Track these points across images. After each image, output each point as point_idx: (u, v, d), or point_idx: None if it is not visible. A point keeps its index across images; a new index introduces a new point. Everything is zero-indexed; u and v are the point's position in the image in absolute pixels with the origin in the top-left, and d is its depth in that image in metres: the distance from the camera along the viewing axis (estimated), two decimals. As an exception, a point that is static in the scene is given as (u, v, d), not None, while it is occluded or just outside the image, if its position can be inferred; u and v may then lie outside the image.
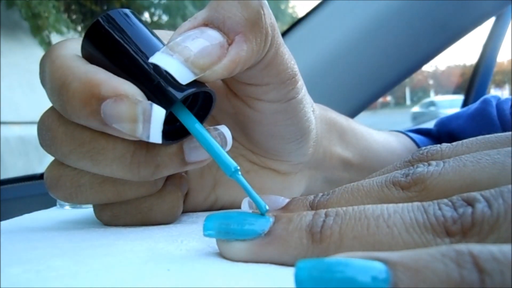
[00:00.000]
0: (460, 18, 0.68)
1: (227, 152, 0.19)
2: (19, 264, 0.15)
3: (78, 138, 0.19)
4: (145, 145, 0.19)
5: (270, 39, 0.20)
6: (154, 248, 0.17)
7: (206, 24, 0.19)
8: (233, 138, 0.26)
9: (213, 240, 0.17)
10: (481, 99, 0.41)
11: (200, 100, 0.20)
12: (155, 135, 0.17)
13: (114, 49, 0.19)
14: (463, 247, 0.10)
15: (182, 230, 0.21)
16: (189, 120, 0.19)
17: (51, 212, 0.29)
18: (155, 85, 0.18)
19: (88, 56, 0.19)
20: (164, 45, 0.19)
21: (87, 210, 0.27)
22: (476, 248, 0.10)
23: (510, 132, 0.17)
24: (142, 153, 0.19)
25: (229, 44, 0.19)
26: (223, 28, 0.19)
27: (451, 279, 0.09)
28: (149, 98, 0.18)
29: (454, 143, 0.18)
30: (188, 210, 0.26)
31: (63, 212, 0.28)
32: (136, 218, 0.22)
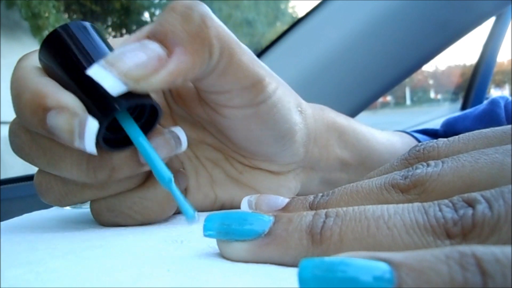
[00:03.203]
0: (460, 18, 0.68)
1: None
2: (19, 265, 0.15)
3: (41, 145, 0.20)
4: (100, 151, 0.20)
5: (216, 50, 0.20)
6: (154, 248, 0.17)
7: (149, 37, 0.20)
8: (221, 141, 0.27)
9: (213, 240, 0.17)
10: (489, 100, 0.41)
11: (147, 111, 0.21)
12: (90, 146, 0.18)
13: (66, 59, 0.20)
14: (466, 248, 0.10)
15: (182, 230, 0.21)
16: (131, 129, 0.20)
17: (51, 212, 0.28)
18: (99, 95, 0.19)
19: (44, 65, 0.20)
20: None
21: (87, 211, 0.27)
22: (479, 250, 0.10)
23: (506, 126, 0.17)
24: (96, 158, 0.20)
25: (169, 57, 0.19)
26: (164, 41, 0.19)
27: (455, 281, 0.09)
28: (91, 108, 0.19)
29: (450, 139, 0.18)
30: None
31: (63, 212, 0.28)
32: (132, 211, 0.22)
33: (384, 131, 0.38)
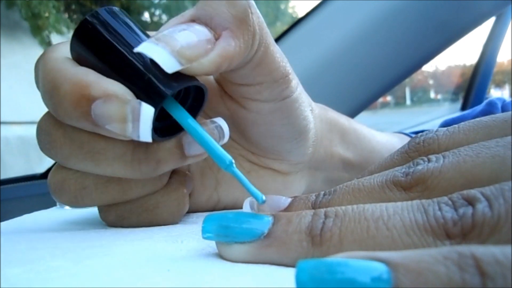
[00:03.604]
0: (460, 18, 0.68)
1: (223, 146, 0.18)
2: (19, 264, 0.15)
3: (76, 140, 0.19)
4: (144, 142, 0.19)
5: (258, 38, 0.20)
6: (154, 248, 0.17)
7: (194, 20, 0.19)
8: (232, 139, 0.26)
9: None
10: (486, 101, 0.41)
11: (191, 95, 0.20)
12: (145, 134, 0.17)
13: (102, 47, 0.18)
14: (465, 249, 0.10)
15: (182, 230, 0.21)
16: (181, 115, 0.19)
17: (51, 212, 0.28)
18: (145, 81, 0.18)
19: (77, 56, 0.19)
20: None
21: (87, 210, 0.27)
22: (478, 250, 0.10)
23: (507, 114, 0.17)
24: (142, 150, 0.19)
25: (216, 39, 0.19)
26: (210, 24, 0.19)
27: (453, 283, 0.09)
28: (139, 96, 0.18)
29: (450, 129, 0.18)
30: (191, 210, 0.26)
31: (63, 212, 0.28)
32: (141, 217, 0.22)
33: (383, 132, 0.38)
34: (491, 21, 1.21)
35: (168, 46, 0.17)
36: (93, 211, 0.24)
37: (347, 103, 0.67)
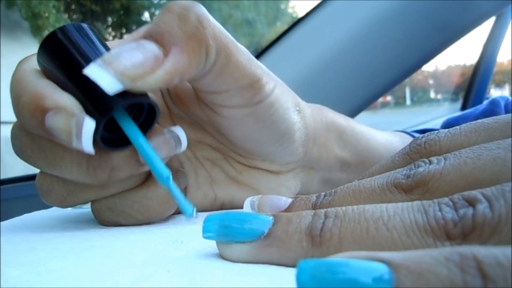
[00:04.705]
0: (460, 18, 0.68)
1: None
2: (19, 265, 0.15)
3: (41, 147, 0.21)
4: (99, 150, 0.20)
5: (213, 50, 0.21)
6: (154, 249, 0.17)
7: (146, 37, 0.20)
8: (219, 142, 0.27)
9: (214, 241, 0.17)
10: (489, 100, 0.41)
11: (145, 109, 0.21)
12: (87, 147, 0.18)
13: (63, 60, 0.20)
14: (467, 250, 0.10)
15: (182, 231, 0.21)
16: (128, 127, 0.20)
17: (51, 212, 0.28)
18: (97, 95, 0.19)
19: (43, 68, 0.21)
20: None
21: (87, 211, 0.27)
22: (480, 252, 0.10)
23: (508, 116, 0.17)
24: (96, 158, 0.20)
25: (165, 56, 0.19)
26: (161, 41, 0.20)
27: (454, 284, 0.09)
28: (89, 108, 0.19)
29: (451, 130, 0.18)
30: None
31: (63, 212, 0.28)
32: (133, 210, 0.22)
33: (383, 131, 0.38)
34: (491, 21, 1.22)
35: (111, 68, 0.18)
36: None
37: (347, 103, 0.67)
